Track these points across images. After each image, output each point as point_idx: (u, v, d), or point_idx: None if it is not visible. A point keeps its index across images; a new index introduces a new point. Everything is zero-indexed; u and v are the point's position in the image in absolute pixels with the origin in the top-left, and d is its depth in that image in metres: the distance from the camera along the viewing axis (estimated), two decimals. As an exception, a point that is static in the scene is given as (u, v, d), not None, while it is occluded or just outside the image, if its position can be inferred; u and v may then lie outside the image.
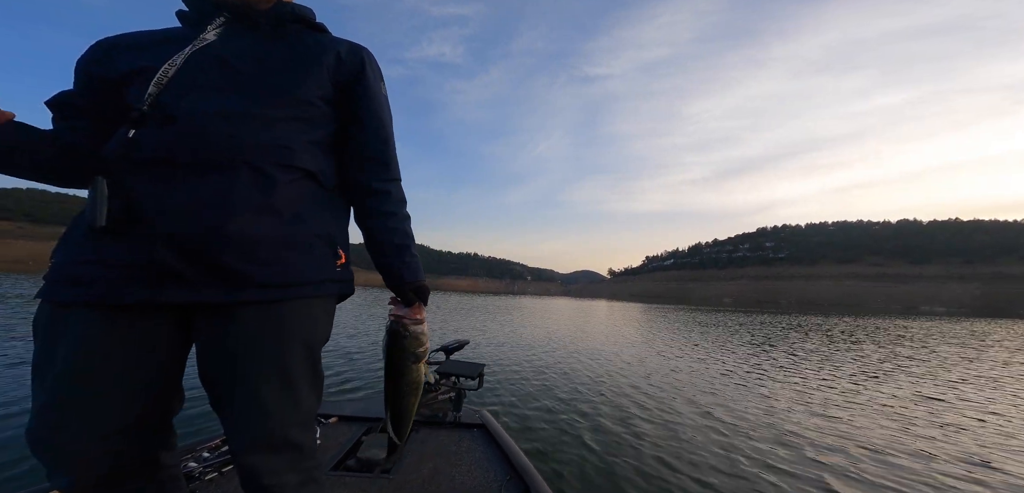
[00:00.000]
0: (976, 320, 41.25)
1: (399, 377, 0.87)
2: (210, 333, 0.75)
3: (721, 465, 3.27)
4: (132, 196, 0.70)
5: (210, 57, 0.78)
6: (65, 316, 0.69)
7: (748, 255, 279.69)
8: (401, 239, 0.91)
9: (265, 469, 0.75)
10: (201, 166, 0.71)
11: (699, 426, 4.22)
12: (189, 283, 0.71)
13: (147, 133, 0.72)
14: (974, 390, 6.58)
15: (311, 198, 0.83)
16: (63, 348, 0.68)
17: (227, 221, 0.71)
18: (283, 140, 0.78)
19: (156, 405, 0.76)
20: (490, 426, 2.28)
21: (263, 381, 0.76)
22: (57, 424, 0.66)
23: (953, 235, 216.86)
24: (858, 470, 3.30)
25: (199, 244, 0.70)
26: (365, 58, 0.91)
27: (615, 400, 5.14)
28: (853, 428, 4.39)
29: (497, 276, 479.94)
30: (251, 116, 0.76)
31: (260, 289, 0.75)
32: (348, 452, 1.98)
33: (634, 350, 9.94)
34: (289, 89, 0.81)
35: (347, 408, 2.55)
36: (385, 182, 0.92)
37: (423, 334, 0.88)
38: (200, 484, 1.62)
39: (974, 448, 3.94)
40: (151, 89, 0.73)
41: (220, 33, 0.81)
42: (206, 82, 0.76)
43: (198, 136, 0.72)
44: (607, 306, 50.37)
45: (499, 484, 1.74)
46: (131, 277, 0.69)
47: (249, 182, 0.74)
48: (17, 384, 4.14)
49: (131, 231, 0.69)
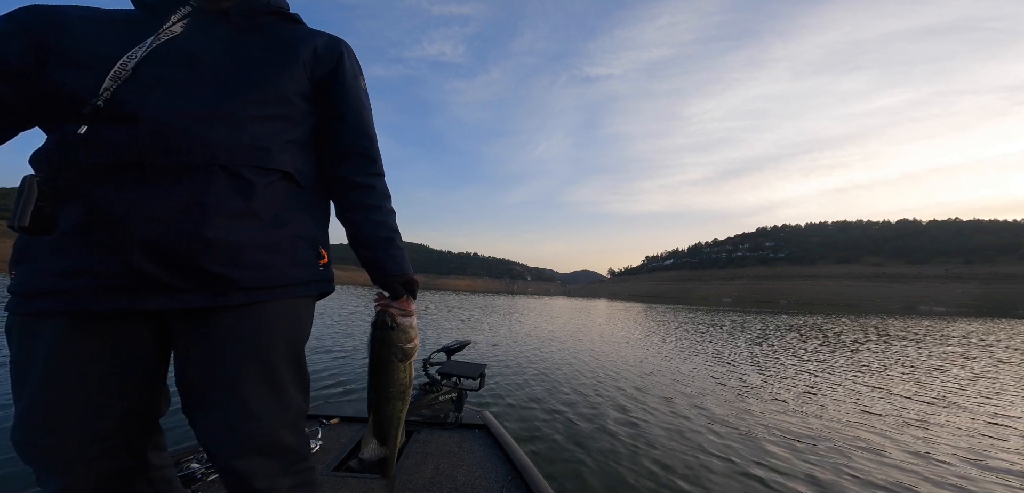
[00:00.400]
0: (975, 319, 41.29)
1: (382, 375, 0.80)
2: (190, 338, 0.73)
3: (720, 464, 3.28)
4: (95, 201, 0.65)
5: (177, 52, 0.72)
6: (39, 325, 0.67)
7: (748, 255, 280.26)
8: (387, 232, 0.89)
9: (258, 474, 0.73)
10: (173, 170, 0.67)
11: (698, 426, 4.23)
12: (171, 290, 0.69)
13: (105, 132, 0.66)
14: (985, 383, 6.62)
15: (291, 199, 0.81)
16: (40, 356, 0.66)
17: (205, 226, 0.68)
18: (259, 141, 0.75)
19: (140, 408, 0.74)
20: (491, 427, 2.28)
21: (250, 384, 0.74)
22: (41, 430, 0.65)
23: (952, 235, 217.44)
24: (852, 468, 3.31)
25: (179, 250, 0.67)
26: (343, 51, 0.88)
27: (616, 400, 5.15)
28: (854, 427, 4.41)
29: (497, 276, 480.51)
30: (224, 116, 0.71)
31: (246, 293, 0.73)
32: (349, 453, 1.98)
33: (633, 350, 9.95)
34: (264, 86, 0.76)
35: (348, 409, 2.53)
36: (369, 176, 0.89)
37: (411, 327, 0.82)
38: (202, 485, 1.62)
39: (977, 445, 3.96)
40: (107, 82, 0.66)
41: (187, 24, 0.74)
42: (174, 79, 0.70)
43: (168, 138, 0.67)
44: (607, 306, 50.30)
45: (501, 485, 1.74)
46: (108, 286, 0.66)
47: (226, 187, 0.70)
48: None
49: (95, 238, 0.65)
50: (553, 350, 9.25)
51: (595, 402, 5.03)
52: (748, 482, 3.02)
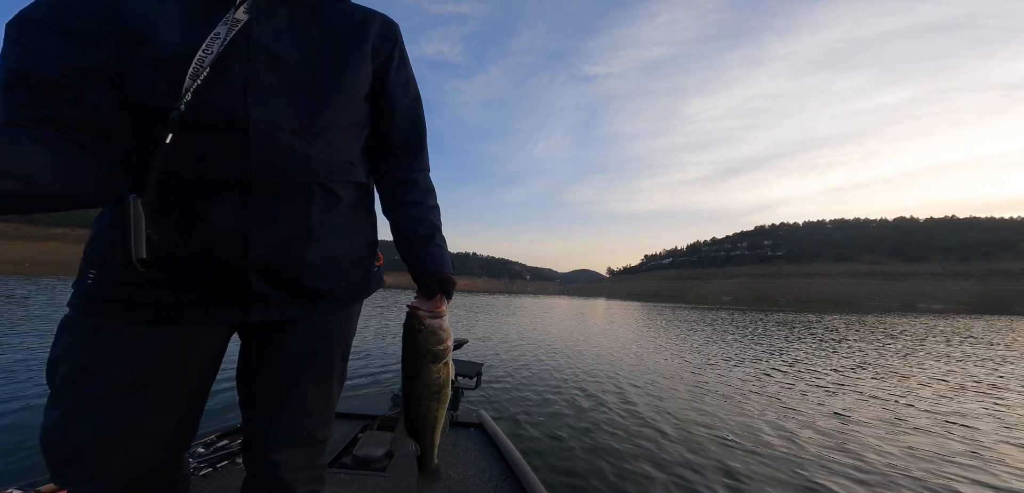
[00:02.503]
0: (975, 317, 41.49)
1: (413, 378, 0.79)
2: (268, 343, 0.74)
3: (713, 464, 3.27)
4: (206, 221, 0.62)
5: (256, 48, 0.64)
6: (116, 329, 0.63)
7: (746, 253, 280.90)
8: (427, 229, 0.84)
9: (289, 464, 0.75)
10: (279, 190, 0.66)
11: (695, 426, 4.21)
12: (276, 304, 0.70)
13: (201, 142, 0.60)
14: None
15: (360, 208, 0.81)
16: (129, 362, 0.63)
17: (309, 247, 0.69)
18: (346, 155, 0.74)
19: (200, 411, 0.75)
20: (487, 426, 2.27)
21: (313, 386, 0.77)
22: (99, 436, 0.62)
23: (950, 233, 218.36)
24: (844, 468, 3.31)
25: (285, 271, 0.69)
26: (398, 37, 0.83)
27: (611, 401, 5.13)
28: (854, 425, 4.40)
29: (496, 275, 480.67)
30: (319, 129, 0.69)
31: (329, 303, 0.76)
32: (344, 449, 1.97)
33: (631, 349, 9.94)
34: (346, 92, 0.73)
35: (343, 405, 2.50)
36: (412, 171, 0.86)
37: (441, 329, 0.79)
38: (195, 479, 1.60)
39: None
40: (188, 83, 0.58)
41: (250, 9, 0.65)
42: (261, 82, 0.64)
43: (275, 155, 0.64)
44: (606, 305, 50.46)
45: (495, 484, 1.73)
46: (219, 301, 0.67)
47: (322, 205, 0.71)
48: (8, 383, 4.12)
49: (208, 259, 0.63)
50: (552, 350, 9.22)
51: (593, 402, 5.01)
52: (744, 482, 3.00)
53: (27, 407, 3.50)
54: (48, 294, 16.73)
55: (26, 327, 8.04)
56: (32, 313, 10.29)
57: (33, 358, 5.30)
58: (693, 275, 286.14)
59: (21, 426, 3.11)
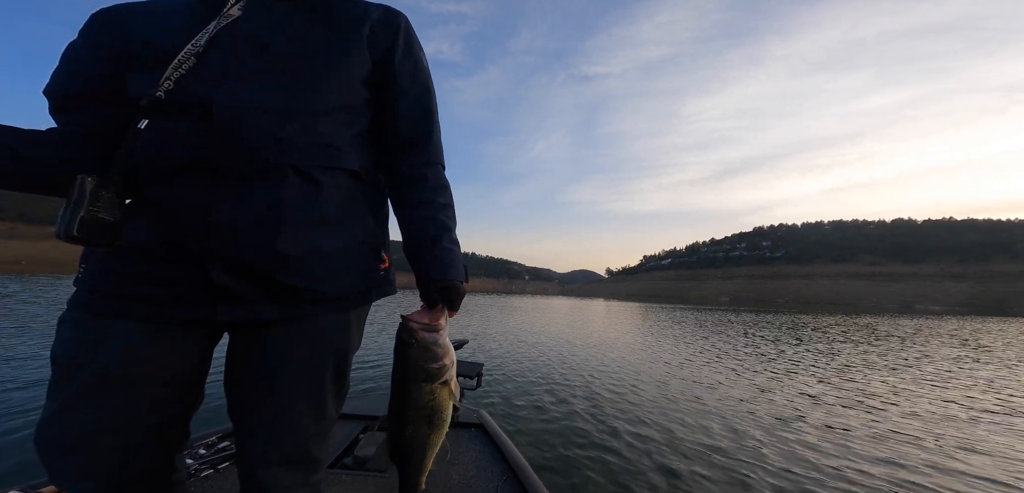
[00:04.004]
0: (971, 318, 41.54)
1: (401, 397, 0.71)
2: (248, 345, 0.72)
3: (717, 464, 3.27)
4: (168, 206, 0.62)
5: (241, 36, 0.66)
6: (106, 325, 0.64)
7: (745, 254, 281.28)
8: (435, 230, 0.78)
9: (279, 483, 0.71)
10: (246, 172, 0.63)
11: (694, 425, 4.23)
12: (246, 302, 0.67)
13: (170, 127, 0.61)
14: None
15: (356, 200, 0.76)
16: (104, 357, 0.62)
17: (281, 238, 0.65)
18: (329, 138, 0.70)
19: (186, 412, 0.72)
20: (488, 426, 2.27)
21: (297, 396, 0.72)
22: (93, 432, 0.61)
23: (947, 234, 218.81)
24: (847, 466, 3.33)
25: (255, 263, 0.65)
26: (402, 24, 0.80)
27: (611, 399, 5.15)
28: (856, 425, 4.43)
29: (495, 275, 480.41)
30: (295, 111, 0.67)
31: (313, 305, 0.71)
32: (345, 450, 1.97)
33: (630, 349, 9.95)
34: (333, 74, 0.71)
35: (344, 406, 2.40)
36: (421, 166, 0.81)
37: (436, 345, 0.70)
38: (195, 481, 1.60)
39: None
40: (169, 71, 0.61)
41: (245, 6, 0.68)
42: (241, 67, 0.65)
43: (240, 136, 0.62)
44: (605, 305, 50.44)
45: (496, 484, 1.73)
46: (187, 295, 0.65)
47: (298, 191, 0.67)
48: (9, 384, 4.11)
49: (172, 246, 0.63)
50: (551, 349, 9.24)
51: (593, 401, 5.03)
52: (743, 482, 2.99)
53: (27, 407, 3.50)
54: (50, 294, 16.67)
55: (26, 327, 8.01)
56: (32, 313, 10.25)
57: (34, 358, 5.30)
58: (692, 276, 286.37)
59: (22, 427, 3.11)
